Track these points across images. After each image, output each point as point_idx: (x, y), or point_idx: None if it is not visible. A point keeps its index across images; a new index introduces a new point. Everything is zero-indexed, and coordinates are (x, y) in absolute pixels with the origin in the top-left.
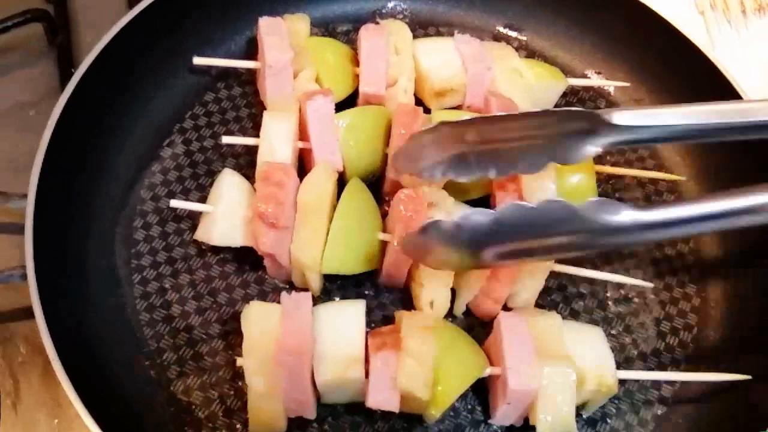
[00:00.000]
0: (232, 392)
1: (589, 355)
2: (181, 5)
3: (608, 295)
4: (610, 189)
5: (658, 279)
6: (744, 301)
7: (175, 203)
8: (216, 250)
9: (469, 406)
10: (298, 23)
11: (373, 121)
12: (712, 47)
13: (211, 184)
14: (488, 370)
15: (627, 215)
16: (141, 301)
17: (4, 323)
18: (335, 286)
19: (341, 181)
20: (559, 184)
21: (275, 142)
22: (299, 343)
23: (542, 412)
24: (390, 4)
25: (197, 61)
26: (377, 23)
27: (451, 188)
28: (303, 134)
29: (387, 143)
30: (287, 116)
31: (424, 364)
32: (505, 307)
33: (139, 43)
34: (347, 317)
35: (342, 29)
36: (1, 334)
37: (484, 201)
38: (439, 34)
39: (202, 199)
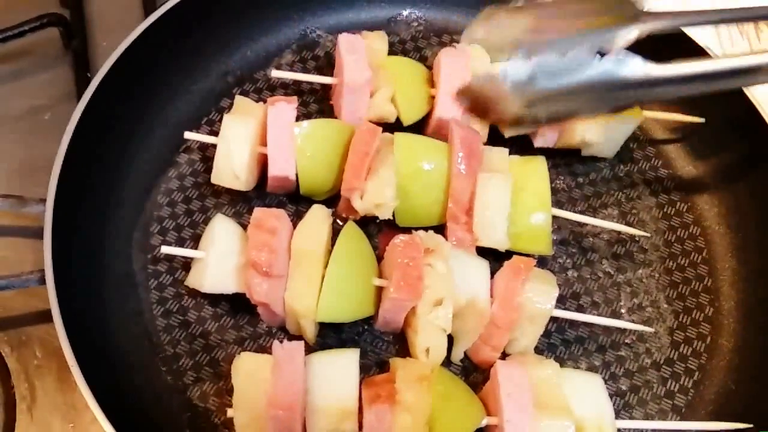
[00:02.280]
0: None
1: (588, 404)
2: (198, 11)
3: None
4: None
5: (658, 323)
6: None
7: (165, 249)
8: None
9: None
10: (377, 42)
11: (335, 135)
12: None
13: (226, 191)
14: (485, 421)
15: (641, 68)
16: (157, 306)
17: (20, 327)
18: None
19: (335, 225)
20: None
21: (233, 144)
22: (290, 399)
23: None
24: (405, 12)
25: (275, 74)
26: (453, 46)
27: (405, 214)
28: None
29: (345, 160)
30: (247, 120)
31: (419, 418)
32: (504, 353)
33: (156, 49)
34: (341, 367)
35: None
36: (17, 338)
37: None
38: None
39: (219, 206)
